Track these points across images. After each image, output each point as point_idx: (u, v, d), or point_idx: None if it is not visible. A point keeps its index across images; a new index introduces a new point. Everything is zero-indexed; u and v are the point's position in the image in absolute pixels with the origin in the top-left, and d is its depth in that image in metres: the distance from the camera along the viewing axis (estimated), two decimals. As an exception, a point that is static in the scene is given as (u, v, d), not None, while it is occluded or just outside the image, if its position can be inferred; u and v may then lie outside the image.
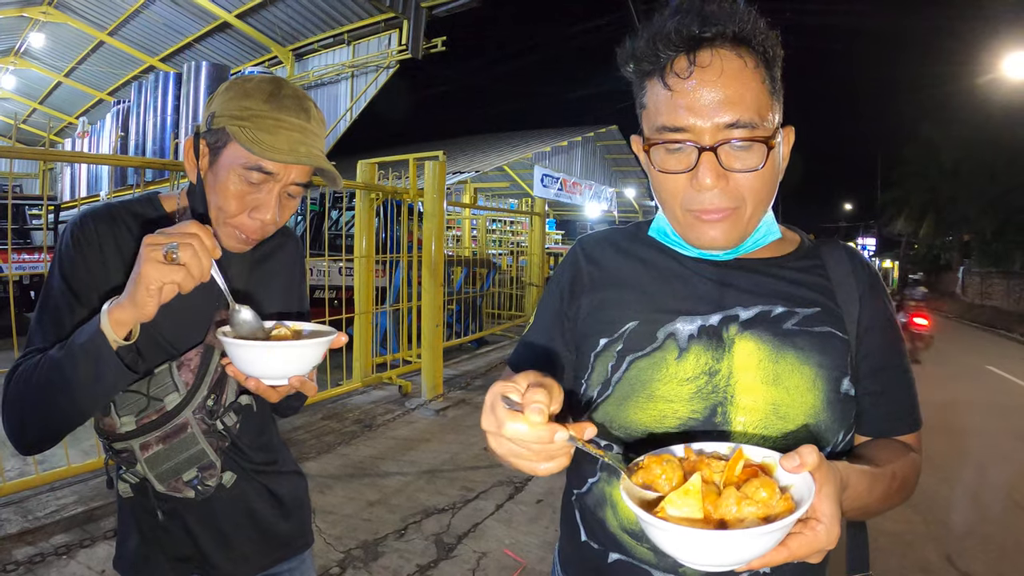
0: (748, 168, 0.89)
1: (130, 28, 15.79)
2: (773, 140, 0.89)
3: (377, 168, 6.43)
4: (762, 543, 0.64)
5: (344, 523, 3.51)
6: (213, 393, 1.20)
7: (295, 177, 1.14)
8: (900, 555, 3.64)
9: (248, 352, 1.01)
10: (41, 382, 1.01)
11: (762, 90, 0.89)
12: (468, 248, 12.84)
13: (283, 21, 13.71)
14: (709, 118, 0.86)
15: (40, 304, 1.13)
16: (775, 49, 0.90)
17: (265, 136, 1.08)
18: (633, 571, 0.97)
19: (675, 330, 0.98)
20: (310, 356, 1.05)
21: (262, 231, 1.16)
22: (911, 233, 33.16)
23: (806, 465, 0.67)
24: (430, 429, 5.32)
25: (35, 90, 21.12)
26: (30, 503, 3.47)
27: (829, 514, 0.68)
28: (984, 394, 8.85)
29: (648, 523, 0.65)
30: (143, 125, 14.81)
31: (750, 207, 0.92)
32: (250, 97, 1.10)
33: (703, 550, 0.64)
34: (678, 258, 1.04)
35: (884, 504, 0.89)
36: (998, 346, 14.90)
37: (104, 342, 0.97)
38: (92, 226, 1.14)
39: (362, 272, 6.26)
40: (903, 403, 1.00)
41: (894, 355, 1.01)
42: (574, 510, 1.08)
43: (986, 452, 5.88)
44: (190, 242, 0.93)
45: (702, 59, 0.87)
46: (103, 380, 1.00)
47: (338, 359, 5.97)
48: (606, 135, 26.31)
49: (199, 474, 1.20)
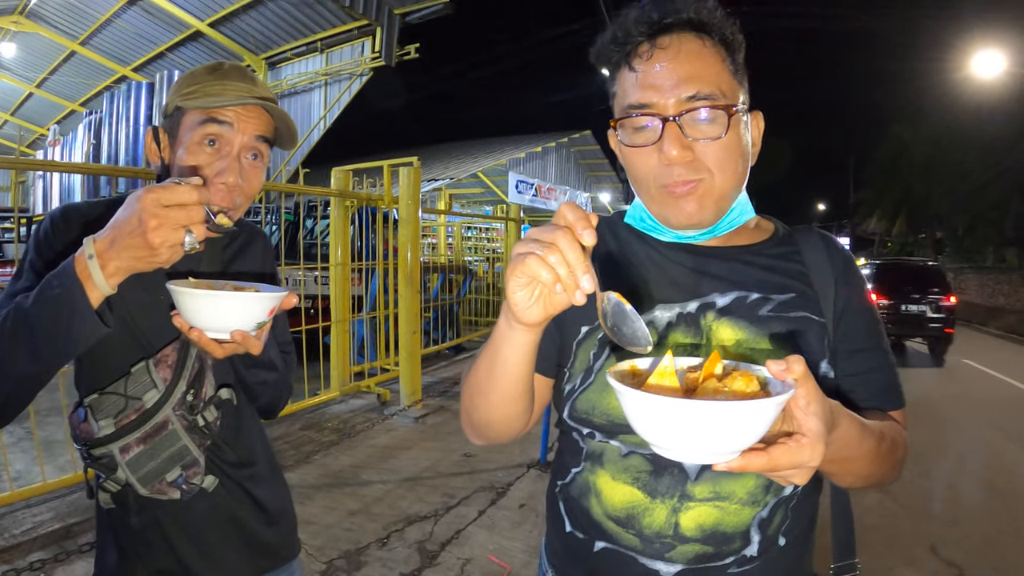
0: (711, 136, 0.91)
1: (102, 38, 15.62)
2: (734, 109, 0.92)
3: (352, 175, 6.40)
4: (734, 425, 0.61)
5: (325, 533, 3.49)
6: (192, 388, 1.19)
7: (252, 130, 1.19)
8: (885, 548, 3.70)
9: (191, 300, 0.99)
10: (5, 338, 0.96)
11: (723, 68, 0.94)
12: (444, 255, 12.84)
13: (256, 30, 13.63)
14: (671, 93, 0.91)
15: (11, 280, 1.13)
16: (735, 34, 0.95)
17: (213, 95, 1.15)
18: (619, 558, 0.98)
19: (654, 318, 1.00)
20: (253, 310, 1.03)
21: (229, 197, 1.17)
22: (884, 231, 33.60)
23: (792, 372, 0.65)
24: (410, 437, 5.30)
25: (6, 101, 20.77)
26: (5, 520, 3.39)
27: (815, 431, 0.66)
28: (962, 387, 9.02)
29: (620, 393, 0.65)
30: (115, 136, 14.60)
31: (718, 179, 0.94)
32: (194, 76, 1.19)
33: (671, 424, 0.62)
34: (655, 246, 1.06)
35: (873, 465, 0.88)
36: (973, 340, 15.12)
37: (82, 295, 0.93)
38: (75, 217, 1.17)
39: (338, 280, 6.22)
40: (885, 382, 1.01)
41: (872, 336, 1.02)
42: (558, 502, 1.09)
43: (966, 443, 6.01)
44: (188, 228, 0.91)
45: (662, 42, 0.93)
46: (75, 337, 0.96)
47: (315, 369, 5.92)
48: (580, 140, 26.49)
49: (183, 473, 1.18)
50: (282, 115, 1.25)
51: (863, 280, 1.05)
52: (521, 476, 4.39)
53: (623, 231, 1.10)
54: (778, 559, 0.96)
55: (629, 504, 0.96)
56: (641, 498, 0.95)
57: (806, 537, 1.02)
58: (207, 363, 1.23)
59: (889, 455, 0.90)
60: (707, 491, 0.93)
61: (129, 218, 0.89)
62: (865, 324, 1.02)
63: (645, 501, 0.95)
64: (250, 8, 12.88)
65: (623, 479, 0.97)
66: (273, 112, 1.23)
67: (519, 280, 0.73)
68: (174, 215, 0.88)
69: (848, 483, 0.94)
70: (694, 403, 0.60)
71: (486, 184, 23.27)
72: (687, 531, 0.93)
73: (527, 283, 0.74)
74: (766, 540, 0.95)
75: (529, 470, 4.50)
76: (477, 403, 0.98)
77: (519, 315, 0.77)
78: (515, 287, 0.74)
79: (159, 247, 0.89)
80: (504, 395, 0.92)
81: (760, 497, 0.94)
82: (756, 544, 0.94)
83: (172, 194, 0.88)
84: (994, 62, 14.62)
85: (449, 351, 9.31)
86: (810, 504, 1.01)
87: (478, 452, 4.85)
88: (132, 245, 0.89)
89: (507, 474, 4.43)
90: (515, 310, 0.76)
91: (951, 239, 27.80)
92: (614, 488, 0.98)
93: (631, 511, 0.96)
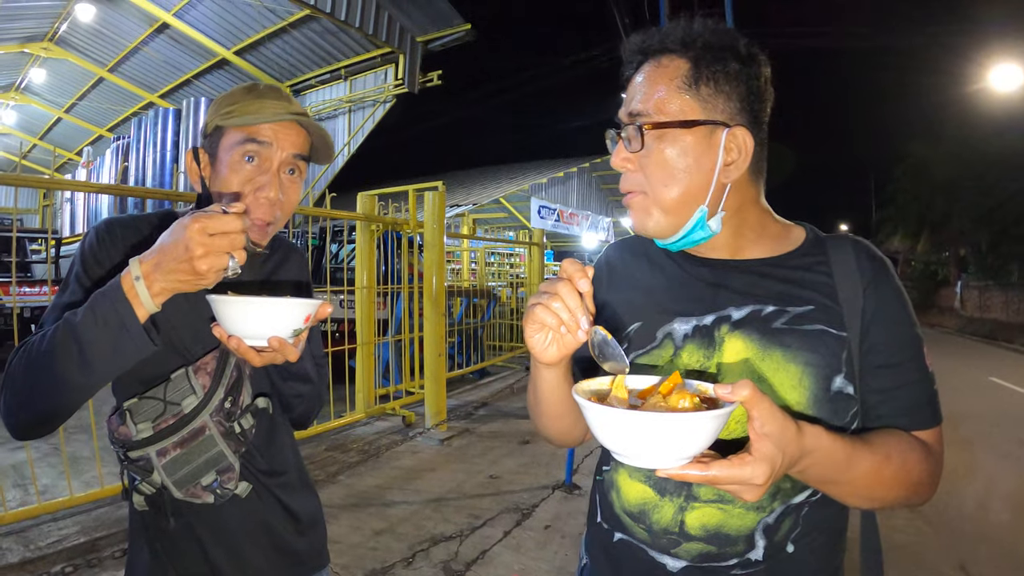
0: (636, 149, 1.00)
1: (130, 65, 15.98)
2: (650, 125, 0.98)
3: (377, 200, 6.49)
4: (662, 434, 0.68)
5: (351, 552, 3.50)
6: (230, 396, 1.22)
7: (290, 147, 1.23)
8: (913, 566, 3.64)
9: (229, 308, 1.02)
10: (54, 350, 1.00)
11: (669, 87, 0.98)
12: (467, 280, 12.89)
13: (280, 57, 13.88)
14: (624, 112, 1.02)
15: (58, 293, 1.17)
16: (709, 54, 0.98)
17: (251, 113, 1.20)
18: (632, 549, 1.06)
19: (672, 330, 1.05)
20: (289, 316, 1.05)
21: (271, 211, 1.22)
22: (908, 250, 33.17)
23: (736, 395, 0.71)
24: (435, 458, 5.31)
25: (35, 125, 21.28)
26: (31, 533, 3.47)
27: (761, 452, 0.72)
28: (989, 405, 8.83)
29: (580, 405, 0.74)
30: (143, 161, 14.91)
31: (652, 192, 1.00)
32: (232, 96, 1.24)
33: (614, 431, 0.71)
34: (678, 261, 1.11)
35: (880, 488, 0.89)
36: (1000, 358, 14.83)
37: (130, 312, 0.97)
38: (118, 229, 1.21)
39: (363, 303, 6.29)
40: (913, 399, 0.98)
41: (904, 350, 0.99)
42: (595, 494, 1.18)
43: (993, 461, 5.90)
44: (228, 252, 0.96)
45: (640, 68, 1.03)
46: (122, 352, 1.00)
47: (341, 391, 5.97)
48: (602, 165, 26.39)
49: (218, 477, 1.21)
50: (318, 130, 1.29)
51: (898, 290, 1.02)
52: (546, 497, 4.38)
53: (653, 248, 1.14)
54: (788, 566, 0.98)
55: (641, 500, 1.04)
56: (652, 495, 1.03)
57: (826, 548, 1.01)
58: (245, 372, 1.26)
59: (898, 478, 0.90)
60: (711, 493, 0.97)
61: (176, 245, 0.93)
62: (896, 337, 0.99)
63: (655, 499, 1.02)
64: (275, 36, 13.15)
65: (637, 477, 1.06)
66: (309, 128, 1.27)
67: (533, 327, 0.88)
68: (219, 243, 0.93)
69: (853, 503, 0.94)
70: (618, 412, 0.70)
71: (508, 209, 23.31)
72: (692, 529, 0.98)
73: (539, 328, 0.88)
74: (772, 546, 0.97)
75: (554, 492, 4.49)
76: (536, 422, 1.14)
77: (539, 357, 0.91)
78: (531, 332, 0.88)
79: (206, 273, 0.94)
80: (552, 415, 1.07)
81: (765, 503, 0.96)
82: (761, 548, 0.96)
83: (218, 223, 0.93)
84: (1012, 75, 14.55)
85: (473, 375, 9.31)
86: (827, 515, 1.00)
87: (503, 474, 4.85)
88: (179, 270, 0.94)
89: (532, 495, 4.43)
90: (534, 352, 0.91)
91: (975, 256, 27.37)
92: (630, 485, 1.06)
93: (643, 507, 1.04)
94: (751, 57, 0.99)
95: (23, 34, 14.84)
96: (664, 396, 0.77)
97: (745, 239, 1.06)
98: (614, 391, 0.82)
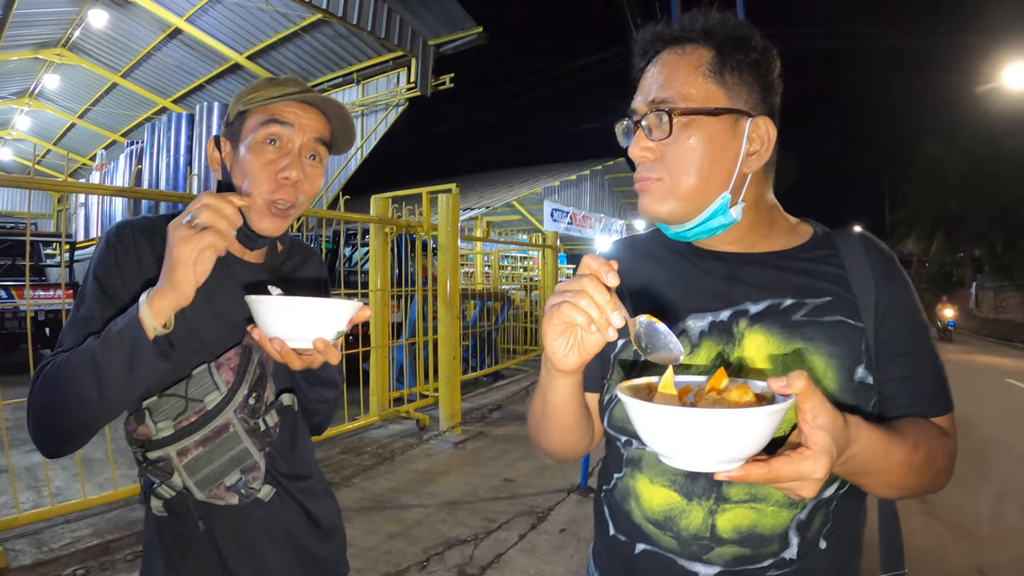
0: (659, 138, 0.97)
1: (143, 70, 16.07)
2: (679, 112, 0.95)
3: (391, 203, 6.48)
4: (723, 432, 0.64)
5: (365, 555, 3.49)
6: (254, 391, 1.19)
7: (311, 131, 1.23)
8: (931, 569, 3.60)
9: (272, 308, 1.00)
10: (73, 371, 1.00)
11: (693, 74, 0.97)
12: (480, 283, 12.88)
13: (292, 62, 13.91)
14: (643, 100, 1.00)
15: (73, 308, 1.14)
16: (731, 43, 0.97)
17: (273, 96, 1.21)
18: (658, 560, 1.00)
19: (687, 327, 1.02)
20: (333, 316, 1.03)
21: (293, 193, 1.21)
22: (922, 251, 33.01)
23: (791, 388, 0.68)
24: (449, 461, 5.29)
25: (49, 131, 21.45)
26: (44, 535, 3.47)
27: (819, 444, 0.69)
28: (1006, 407, 8.79)
29: (625, 403, 0.71)
30: (156, 166, 15.02)
31: (675, 178, 0.97)
32: (254, 86, 1.25)
33: (667, 431, 0.67)
34: (688, 256, 1.09)
35: (907, 476, 0.88)
36: (1016, 359, 14.74)
37: (140, 330, 0.97)
38: (129, 234, 1.18)
39: (377, 306, 6.27)
40: (929, 386, 0.99)
41: (916, 339, 1.00)
42: (603, 507, 1.12)
43: (1011, 464, 5.86)
44: (206, 203, 0.96)
45: (657, 57, 1.02)
46: (136, 369, 1.00)
47: (355, 394, 5.95)
48: (614, 167, 26.48)
49: (243, 477, 1.17)
50: (339, 114, 1.28)
51: (906, 282, 1.03)
52: (561, 501, 4.34)
53: (657, 246, 1.14)
54: (819, 562, 0.96)
55: (667, 506, 0.99)
56: (678, 500, 0.98)
57: (851, 541, 1.00)
58: (268, 369, 1.23)
59: (926, 465, 0.89)
60: (743, 492, 0.94)
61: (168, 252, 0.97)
62: (908, 327, 0.99)
63: (682, 503, 0.97)
64: (287, 41, 13.18)
65: (660, 482, 1.00)
66: (330, 113, 1.26)
67: (556, 328, 0.81)
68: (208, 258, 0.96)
69: (882, 493, 0.94)
70: (683, 410, 0.65)
71: (521, 212, 23.33)
72: (724, 533, 0.94)
73: (563, 330, 0.82)
74: (805, 543, 0.95)
75: (569, 495, 4.45)
76: (539, 436, 1.08)
77: (557, 363, 0.85)
78: (552, 336, 0.82)
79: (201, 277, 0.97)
80: (560, 428, 1.02)
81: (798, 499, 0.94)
82: (795, 547, 0.94)
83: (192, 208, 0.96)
84: (1025, 74, 14.48)
85: (487, 378, 9.29)
86: (853, 507, 1.00)
87: (518, 477, 4.82)
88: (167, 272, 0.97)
89: (547, 499, 4.39)
90: (553, 359, 0.85)
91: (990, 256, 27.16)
92: (652, 491, 1.01)
93: (669, 513, 0.98)
94: (767, 49, 0.99)
95: (37, 40, 14.93)
96: (720, 393, 0.72)
97: (758, 233, 1.05)
98: (662, 388, 0.76)
